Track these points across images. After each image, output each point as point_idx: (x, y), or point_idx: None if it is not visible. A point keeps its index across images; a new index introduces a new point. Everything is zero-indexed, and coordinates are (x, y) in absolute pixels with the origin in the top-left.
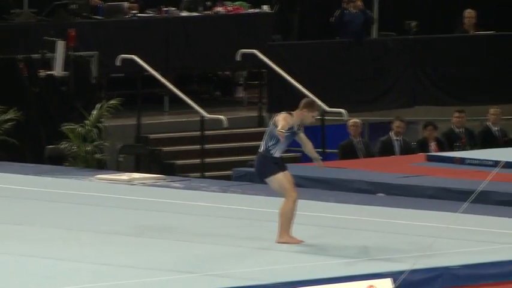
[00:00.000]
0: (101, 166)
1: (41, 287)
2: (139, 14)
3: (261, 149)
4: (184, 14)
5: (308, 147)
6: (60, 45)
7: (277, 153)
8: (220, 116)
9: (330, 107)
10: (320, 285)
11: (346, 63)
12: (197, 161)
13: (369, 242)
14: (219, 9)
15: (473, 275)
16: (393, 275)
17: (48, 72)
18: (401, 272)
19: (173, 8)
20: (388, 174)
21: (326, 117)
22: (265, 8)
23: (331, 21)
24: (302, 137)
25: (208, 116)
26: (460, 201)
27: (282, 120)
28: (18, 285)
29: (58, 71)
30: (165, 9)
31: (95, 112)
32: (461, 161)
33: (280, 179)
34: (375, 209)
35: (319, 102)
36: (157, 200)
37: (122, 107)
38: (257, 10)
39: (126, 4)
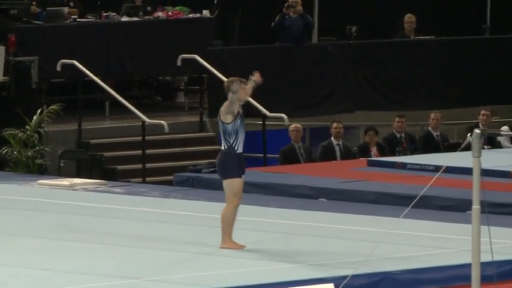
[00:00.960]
0: (42, 171)
1: None
2: (79, 19)
3: (224, 147)
4: (125, 19)
5: (249, 89)
6: (0, 50)
7: (239, 147)
8: (161, 121)
9: (271, 111)
10: None
11: (287, 68)
12: (138, 166)
13: (310, 247)
14: (159, 14)
15: (415, 280)
16: (335, 280)
17: None
18: (343, 277)
19: (113, 13)
20: (329, 179)
21: (267, 122)
22: (206, 13)
23: (272, 26)
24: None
25: (149, 121)
26: (402, 206)
27: (227, 104)
28: None
29: None
30: (105, 14)
31: (35, 117)
32: (403, 165)
33: (236, 185)
34: (316, 214)
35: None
36: (99, 205)
37: (62, 112)
38: (197, 15)
39: (66, 9)
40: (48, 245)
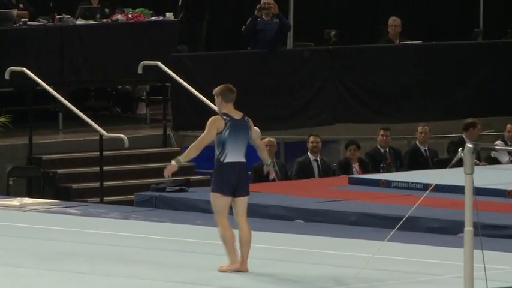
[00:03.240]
0: None
1: None
2: (30, 22)
3: (244, 158)
4: (80, 22)
5: None
6: None
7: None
8: (120, 135)
9: None
10: None
11: (259, 76)
12: (95, 184)
13: (287, 274)
14: (118, 17)
15: None
16: None
17: None
18: None
19: (68, 16)
20: (306, 199)
21: None
22: (170, 15)
23: (243, 30)
24: None
25: (108, 134)
26: (386, 228)
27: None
28: None
29: None
30: (58, 17)
31: None
32: (387, 184)
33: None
34: (292, 237)
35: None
36: (52, 228)
37: (11, 124)
38: (160, 18)
39: (15, 11)
40: None
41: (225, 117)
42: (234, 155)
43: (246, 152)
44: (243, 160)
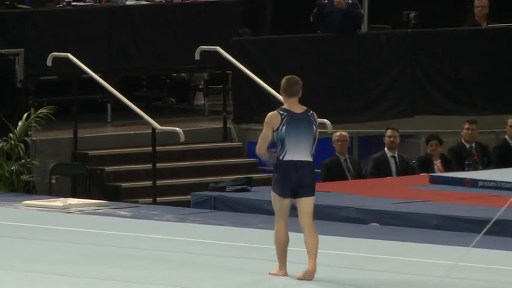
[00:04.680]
0: (30, 190)
1: None
2: (74, 3)
3: (309, 158)
4: (131, 2)
5: None
6: None
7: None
8: (175, 128)
9: None
10: None
11: (330, 63)
12: (148, 183)
13: (362, 282)
14: None
15: None
16: None
17: None
18: None
19: None
20: (382, 200)
21: None
22: None
23: (311, 19)
24: None
25: (161, 128)
26: (472, 233)
27: None
28: None
29: None
30: None
31: (21, 123)
32: (473, 183)
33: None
34: (367, 242)
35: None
36: (99, 232)
37: (54, 116)
38: None
39: None
40: (38, 280)
41: (281, 111)
42: (294, 153)
43: (312, 150)
44: (307, 159)
